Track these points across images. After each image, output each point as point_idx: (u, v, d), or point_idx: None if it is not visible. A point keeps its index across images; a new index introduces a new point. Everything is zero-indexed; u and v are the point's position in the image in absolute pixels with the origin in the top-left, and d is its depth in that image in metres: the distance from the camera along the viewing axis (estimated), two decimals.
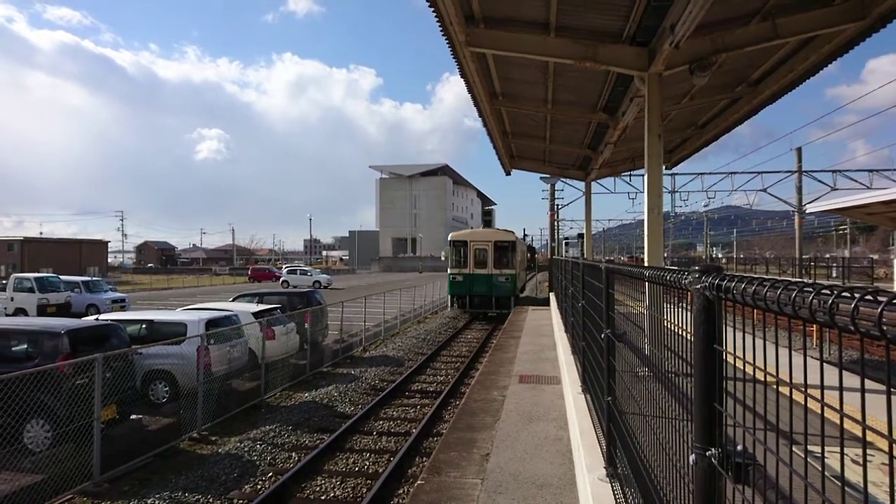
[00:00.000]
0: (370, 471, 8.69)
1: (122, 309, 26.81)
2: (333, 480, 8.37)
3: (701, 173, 37.70)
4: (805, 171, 36.04)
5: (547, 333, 15.98)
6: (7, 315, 24.44)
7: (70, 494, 7.44)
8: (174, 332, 11.69)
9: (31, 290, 26.46)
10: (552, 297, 23.02)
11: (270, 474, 8.53)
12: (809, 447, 1.37)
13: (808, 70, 10.33)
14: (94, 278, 34.87)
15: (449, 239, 27.50)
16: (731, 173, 37.12)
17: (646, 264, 8.50)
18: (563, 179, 28.31)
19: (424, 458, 8.91)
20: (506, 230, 28.64)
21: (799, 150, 36.13)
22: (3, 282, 32.56)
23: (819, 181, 35.80)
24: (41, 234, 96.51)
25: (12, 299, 26.38)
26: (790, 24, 8.40)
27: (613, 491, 4.03)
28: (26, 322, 11.93)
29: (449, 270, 27.01)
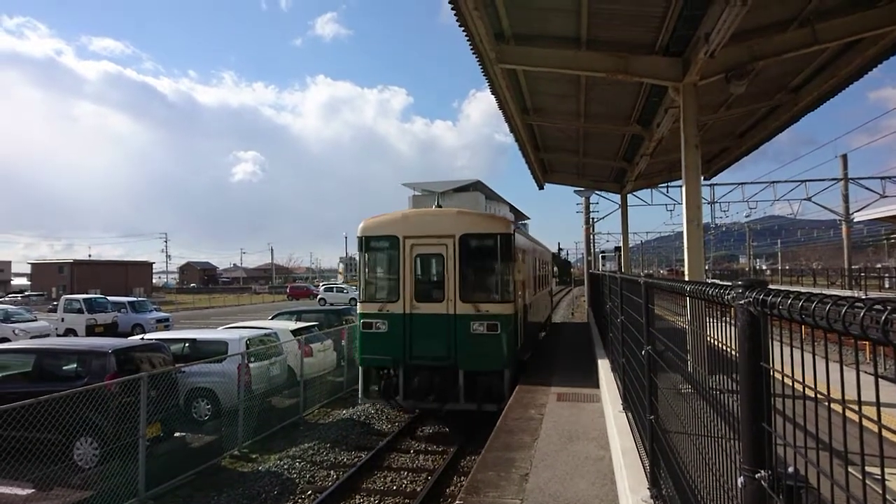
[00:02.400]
0: (408, 490, 8.65)
1: (166, 328, 27.57)
2: (372, 499, 8.36)
3: (741, 183, 36.72)
4: (852, 179, 34.79)
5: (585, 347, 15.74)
6: (58, 335, 25.40)
7: None
8: (216, 351, 11.94)
9: (80, 311, 27.48)
10: (590, 312, 22.61)
11: (310, 492, 8.57)
12: (867, 468, 1.30)
13: (851, 74, 10.03)
14: (139, 299, 36.08)
15: (358, 235, 12.04)
16: (773, 182, 36.05)
17: (686, 278, 8.32)
18: (598, 192, 27.85)
19: (462, 478, 8.82)
20: (489, 215, 12.79)
21: (844, 156, 34.95)
22: (54, 303, 33.91)
23: (867, 188, 34.46)
24: (90, 256, 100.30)
25: (63, 320, 27.43)
26: (830, 28, 8.18)
27: None
28: (75, 342, 12.36)
29: (358, 307, 12.07)
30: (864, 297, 1.22)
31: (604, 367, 9.72)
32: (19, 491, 7.70)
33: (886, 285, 39.89)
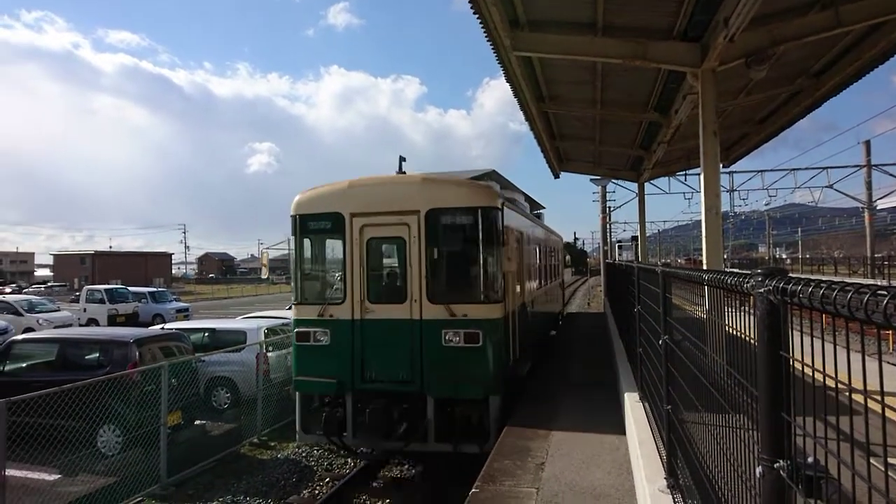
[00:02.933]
0: (425, 479, 8.71)
1: (186, 318, 27.94)
2: (389, 487, 8.43)
3: (761, 171, 36.14)
4: (875, 165, 34.11)
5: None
6: (80, 325, 25.89)
7: (140, 497, 7.79)
8: (235, 340, 12.09)
9: (101, 301, 27.97)
10: (607, 302, 22.50)
11: (327, 479, 8.68)
12: (889, 460, 1.28)
13: (875, 58, 9.80)
14: (159, 289, 36.65)
15: (291, 213, 9.17)
16: (794, 170, 35.45)
17: (704, 267, 8.23)
18: (615, 181, 27.55)
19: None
20: (468, 182, 9.40)
21: (867, 143, 34.27)
22: (77, 293, 34.48)
23: (891, 175, 33.76)
24: (110, 247, 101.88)
25: (85, 310, 27.94)
26: (854, 11, 7.97)
27: (675, 503, 3.89)
28: (97, 332, 12.57)
29: (294, 312, 9.30)
30: (887, 285, 1.19)
31: (622, 361, 9.68)
32: (47, 476, 7.91)
33: None
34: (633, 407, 6.56)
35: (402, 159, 9.46)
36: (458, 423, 8.24)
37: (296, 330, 8.86)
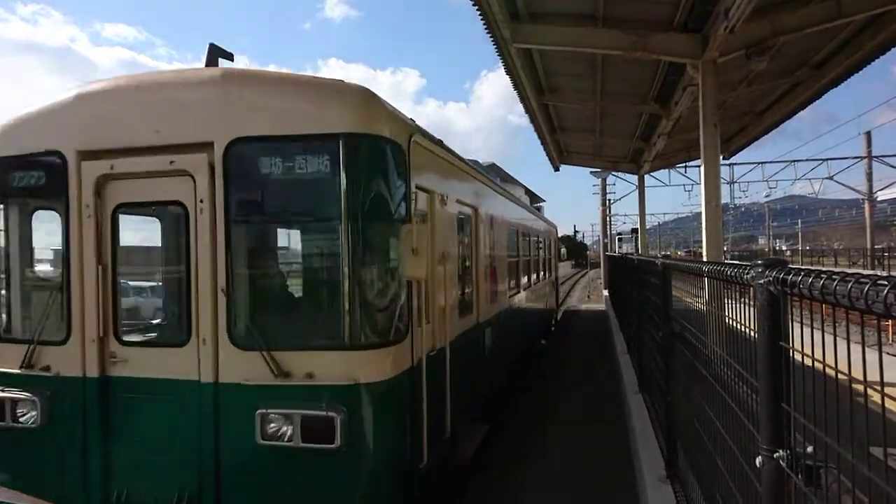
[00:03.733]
0: None
1: None
2: None
3: (761, 162, 36.17)
4: (875, 157, 34.11)
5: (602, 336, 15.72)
6: None
7: None
8: None
9: None
10: (606, 294, 22.49)
11: None
12: (889, 449, 1.29)
13: (876, 49, 9.78)
14: None
15: None
16: (794, 161, 35.44)
17: (704, 259, 8.24)
18: (615, 173, 27.53)
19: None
20: (313, 79, 4.03)
21: (868, 134, 34.23)
22: None
23: (891, 166, 33.80)
24: None
25: None
26: (855, 1, 7.96)
27: (675, 491, 3.92)
28: None
29: None
30: (887, 275, 1.20)
31: (624, 361, 9.71)
32: None
33: None
34: (632, 399, 6.57)
35: (213, 49, 4.57)
36: None
37: None
